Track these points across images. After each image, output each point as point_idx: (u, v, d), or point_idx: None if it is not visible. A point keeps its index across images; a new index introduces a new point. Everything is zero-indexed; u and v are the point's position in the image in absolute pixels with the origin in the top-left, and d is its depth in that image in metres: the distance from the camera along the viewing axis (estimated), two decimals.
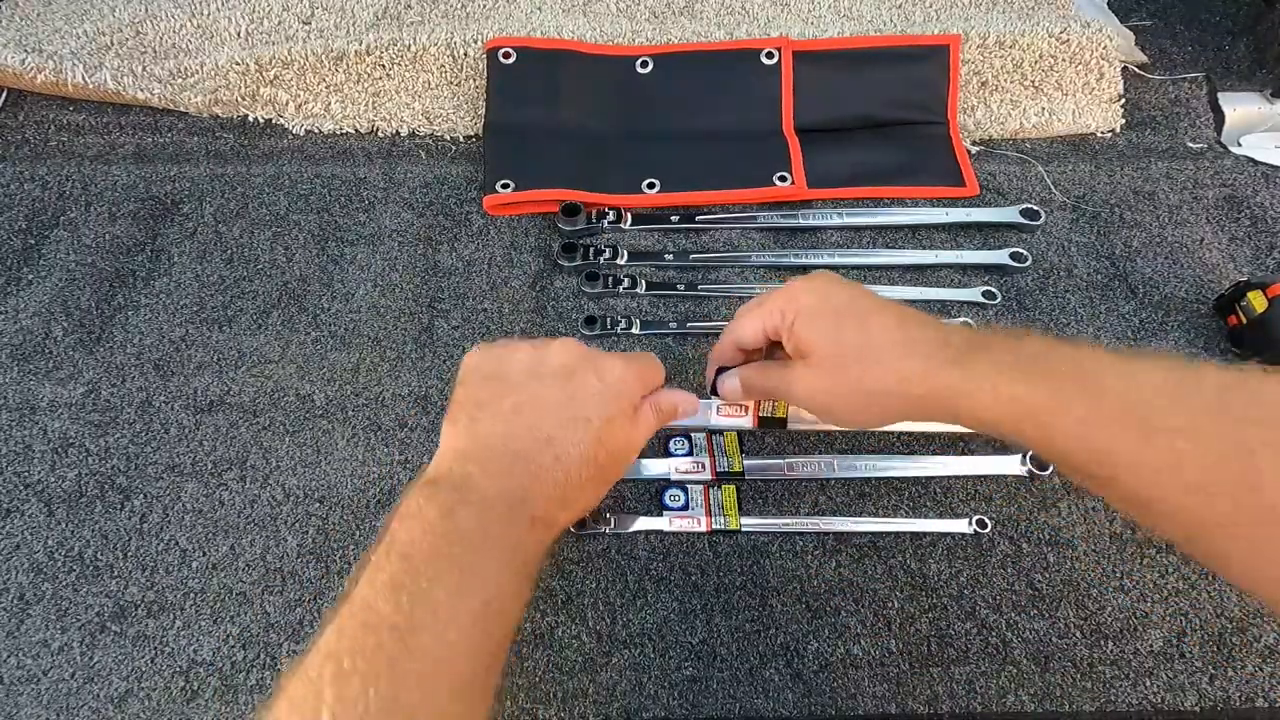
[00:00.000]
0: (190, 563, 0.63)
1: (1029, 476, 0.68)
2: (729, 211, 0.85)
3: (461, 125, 0.91)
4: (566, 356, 0.52)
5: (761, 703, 0.58)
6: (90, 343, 0.74)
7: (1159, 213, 0.86)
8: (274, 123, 0.91)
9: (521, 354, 0.53)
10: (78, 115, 0.91)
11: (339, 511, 0.65)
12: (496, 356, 0.53)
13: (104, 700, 0.57)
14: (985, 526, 0.65)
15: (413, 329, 0.76)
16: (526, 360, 0.52)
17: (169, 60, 0.91)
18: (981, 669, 0.59)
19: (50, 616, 0.60)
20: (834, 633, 0.61)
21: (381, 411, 0.70)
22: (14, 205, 0.83)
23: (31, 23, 0.93)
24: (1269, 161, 0.91)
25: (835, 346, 0.52)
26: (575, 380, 0.51)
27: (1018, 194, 0.87)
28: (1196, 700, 0.58)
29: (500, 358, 0.53)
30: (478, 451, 0.49)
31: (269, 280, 0.79)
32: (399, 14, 0.96)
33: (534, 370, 0.52)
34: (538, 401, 0.50)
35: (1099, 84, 0.93)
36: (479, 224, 0.84)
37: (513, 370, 0.52)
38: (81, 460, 0.67)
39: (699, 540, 0.65)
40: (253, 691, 0.57)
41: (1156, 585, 0.63)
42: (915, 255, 0.82)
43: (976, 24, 0.93)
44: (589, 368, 0.52)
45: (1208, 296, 0.79)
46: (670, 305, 0.79)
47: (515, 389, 0.51)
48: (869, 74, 0.90)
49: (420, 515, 0.45)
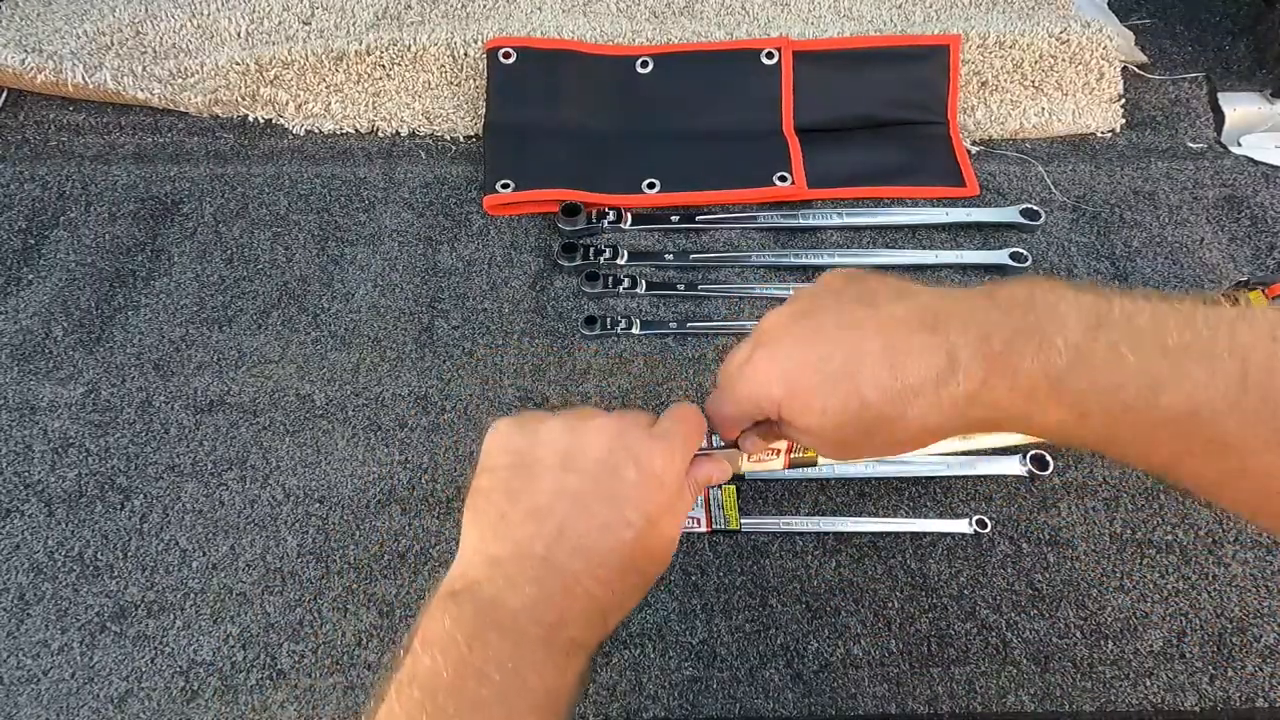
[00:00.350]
0: (190, 563, 0.63)
1: (1029, 476, 0.68)
2: (729, 211, 0.85)
3: (461, 125, 0.91)
4: (602, 443, 0.45)
5: (761, 703, 0.58)
6: (90, 343, 0.74)
7: (1159, 213, 0.86)
8: (274, 123, 0.91)
9: (552, 435, 0.46)
10: (78, 115, 0.91)
11: (339, 511, 0.65)
12: (524, 437, 0.46)
13: (104, 700, 0.57)
14: (985, 526, 0.65)
15: (413, 329, 0.76)
16: (558, 445, 0.46)
17: (169, 60, 0.91)
18: (981, 669, 0.59)
19: (50, 616, 0.60)
20: (834, 633, 0.61)
21: (381, 411, 0.70)
22: (14, 205, 0.83)
23: (31, 23, 0.93)
24: (1269, 161, 0.91)
25: (838, 428, 0.44)
26: (614, 475, 0.45)
27: (1018, 194, 0.87)
28: (1196, 700, 0.58)
29: (529, 440, 0.46)
30: (507, 558, 0.43)
31: (269, 280, 0.79)
32: (399, 14, 0.96)
33: (566, 459, 0.45)
34: (571, 500, 0.44)
35: (1099, 84, 0.93)
36: (479, 224, 0.84)
37: (543, 457, 0.45)
38: (81, 460, 0.67)
39: (699, 540, 0.65)
40: (253, 691, 0.57)
41: (1156, 585, 0.63)
42: (915, 255, 0.82)
43: (976, 24, 0.93)
44: (627, 458, 0.45)
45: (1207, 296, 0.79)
46: (670, 305, 0.79)
47: (546, 482, 0.44)
48: (869, 74, 0.90)
49: (446, 641, 0.40)
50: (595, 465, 0.45)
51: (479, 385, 0.72)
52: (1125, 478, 0.68)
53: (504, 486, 0.45)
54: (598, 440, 0.46)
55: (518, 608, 0.41)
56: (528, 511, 0.44)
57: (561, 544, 0.43)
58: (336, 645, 0.59)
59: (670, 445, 0.46)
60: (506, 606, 0.41)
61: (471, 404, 0.71)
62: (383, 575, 0.62)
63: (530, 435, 0.46)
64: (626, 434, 0.46)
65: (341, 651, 0.59)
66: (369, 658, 0.59)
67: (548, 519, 0.43)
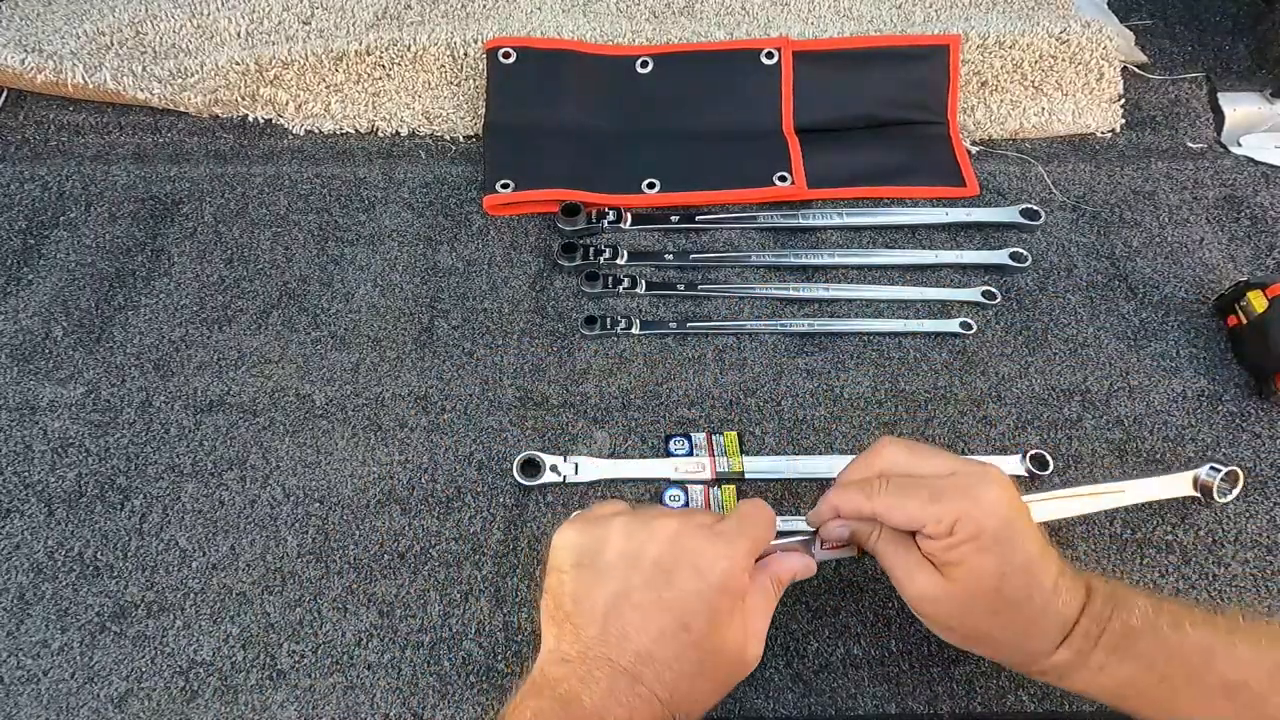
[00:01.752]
0: (190, 563, 0.63)
1: (1029, 476, 0.68)
2: (729, 211, 0.85)
3: (461, 125, 0.91)
4: (662, 545, 0.46)
5: (761, 703, 0.58)
6: (90, 343, 0.74)
7: (1159, 213, 0.86)
8: (274, 123, 0.91)
9: (616, 534, 0.47)
10: (78, 115, 0.91)
11: (339, 511, 0.65)
12: (589, 538, 0.48)
13: (104, 700, 0.57)
14: None
15: (413, 329, 0.76)
16: (621, 545, 0.47)
17: (169, 60, 0.91)
18: (981, 669, 0.59)
19: (50, 616, 0.60)
20: (834, 633, 0.60)
21: (381, 411, 0.70)
22: (14, 205, 0.83)
23: (31, 23, 0.93)
24: (1269, 161, 0.91)
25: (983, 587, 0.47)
26: (672, 580, 0.45)
27: (1018, 194, 0.87)
28: None
29: (594, 541, 0.48)
30: (576, 659, 0.45)
31: (269, 280, 0.79)
32: (399, 14, 0.96)
33: (629, 561, 0.46)
34: (631, 606, 0.45)
35: (1099, 84, 0.93)
36: (479, 224, 0.84)
37: (606, 558, 0.46)
38: (81, 460, 0.67)
39: None
40: (253, 691, 0.57)
41: (1156, 585, 0.63)
42: (915, 255, 0.82)
43: (976, 24, 0.93)
44: (686, 562, 0.46)
45: (1208, 296, 0.79)
46: (670, 305, 0.79)
47: (608, 586, 0.45)
48: (869, 74, 0.90)
49: None
50: (653, 569, 0.45)
51: (479, 385, 0.72)
52: (1125, 478, 0.68)
53: (570, 590, 0.46)
54: (660, 540, 0.46)
55: (590, 707, 0.43)
56: (591, 616, 0.45)
57: (625, 649, 0.44)
58: (336, 645, 0.59)
59: (732, 547, 0.47)
60: (582, 704, 0.43)
61: (471, 404, 0.71)
62: (383, 575, 0.62)
63: (595, 537, 0.48)
64: (685, 536, 0.47)
65: (341, 651, 0.59)
66: (369, 658, 0.59)
67: (610, 624, 0.44)
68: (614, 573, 0.46)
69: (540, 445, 0.69)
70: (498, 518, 0.65)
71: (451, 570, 0.63)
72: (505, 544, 0.64)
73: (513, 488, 0.67)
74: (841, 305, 0.79)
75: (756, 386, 0.73)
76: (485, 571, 0.63)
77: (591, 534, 0.48)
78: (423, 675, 0.58)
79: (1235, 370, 0.75)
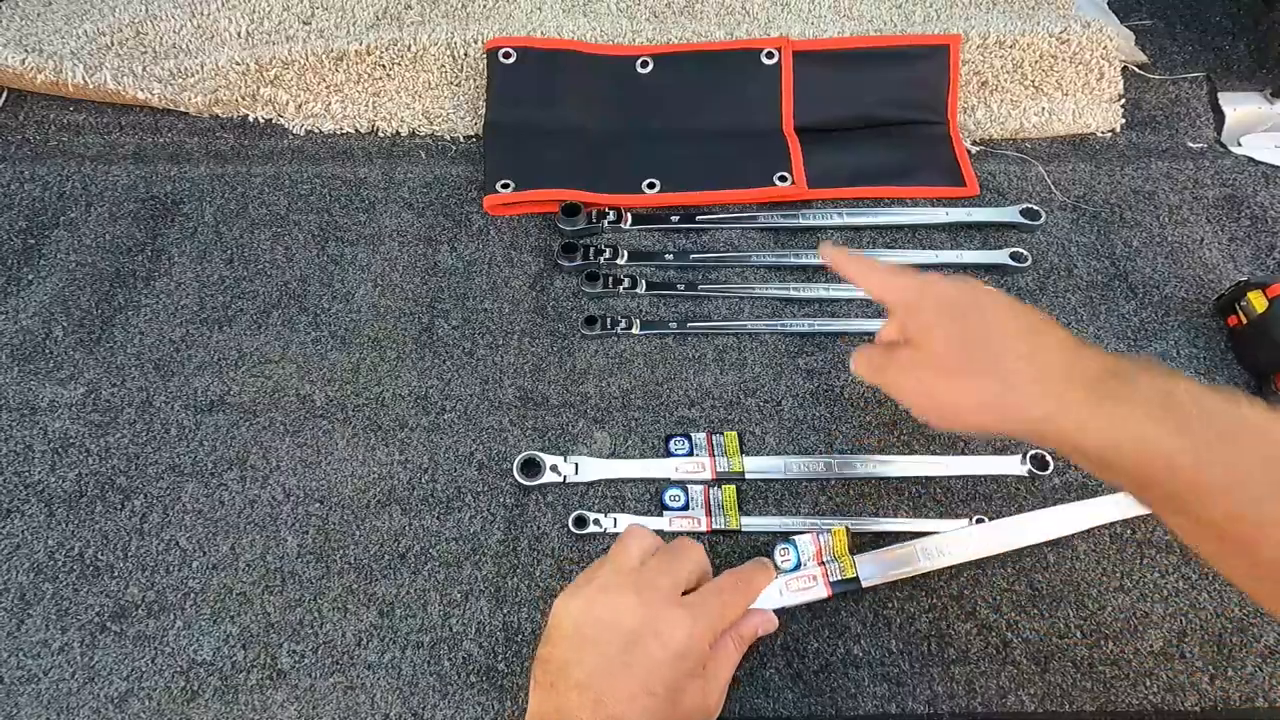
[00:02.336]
0: (190, 563, 0.63)
1: (1029, 476, 0.68)
2: (729, 211, 0.85)
3: (461, 125, 0.91)
4: (636, 616, 0.50)
5: (761, 703, 0.58)
6: (90, 343, 0.74)
7: (1159, 213, 0.86)
8: (274, 123, 0.91)
9: (602, 608, 0.50)
10: (78, 115, 0.91)
11: (339, 511, 0.65)
12: (580, 608, 0.51)
13: (104, 700, 0.57)
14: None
15: (413, 329, 0.76)
16: (604, 618, 0.50)
17: (169, 60, 0.91)
18: (981, 669, 0.59)
19: (50, 616, 0.60)
20: (834, 633, 0.61)
21: (381, 411, 0.71)
22: (14, 205, 0.83)
23: (31, 23, 0.93)
24: (1269, 161, 0.91)
25: (950, 345, 0.49)
26: (637, 649, 0.49)
27: (1018, 194, 0.87)
28: (1196, 700, 0.58)
29: (585, 603, 0.51)
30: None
31: (269, 280, 0.79)
32: (399, 14, 0.96)
33: (609, 632, 0.49)
34: (605, 673, 0.48)
35: (1099, 84, 0.93)
36: (479, 224, 0.84)
37: (592, 631, 0.50)
38: (81, 460, 0.67)
39: (699, 540, 0.64)
40: (253, 691, 0.57)
41: (1156, 585, 0.63)
42: (915, 255, 0.82)
43: (976, 24, 0.93)
44: (649, 631, 0.49)
45: (1208, 296, 0.79)
46: (670, 305, 0.79)
47: (588, 655, 0.49)
48: (869, 74, 0.90)
49: None
50: (624, 636, 0.49)
51: (479, 385, 0.72)
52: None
53: (559, 657, 0.50)
54: (631, 614, 0.50)
55: None
56: (572, 684, 0.48)
57: (599, 712, 0.47)
58: (336, 645, 0.59)
59: (693, 617, 0.51)
60: None
61: (471, 404, 0.71)
62: (383, 575, 0.62)
63: (584, 607, 0.51)
64: (655, 606, 0.50)
65: (341, 651, 0.59)
66: (369, 658, 0.59)
67: (587, 691, 0.48)
68: (594, 645, 0.49)
69: (540, 445, 0.69)
70: (498, 518, 0.65)
71: (451, 570, 0.63)
72: (505, 544, 0.64)
73: (513, 488, 0.67)
74: (841, 305, 0.79)
75: (756, 386, 0.73)
76: (485, 571, 0.63)
77: (584, 603, 0.51)
78: (423, 675, 0.58)
79: (1235, 370, 0.75)
